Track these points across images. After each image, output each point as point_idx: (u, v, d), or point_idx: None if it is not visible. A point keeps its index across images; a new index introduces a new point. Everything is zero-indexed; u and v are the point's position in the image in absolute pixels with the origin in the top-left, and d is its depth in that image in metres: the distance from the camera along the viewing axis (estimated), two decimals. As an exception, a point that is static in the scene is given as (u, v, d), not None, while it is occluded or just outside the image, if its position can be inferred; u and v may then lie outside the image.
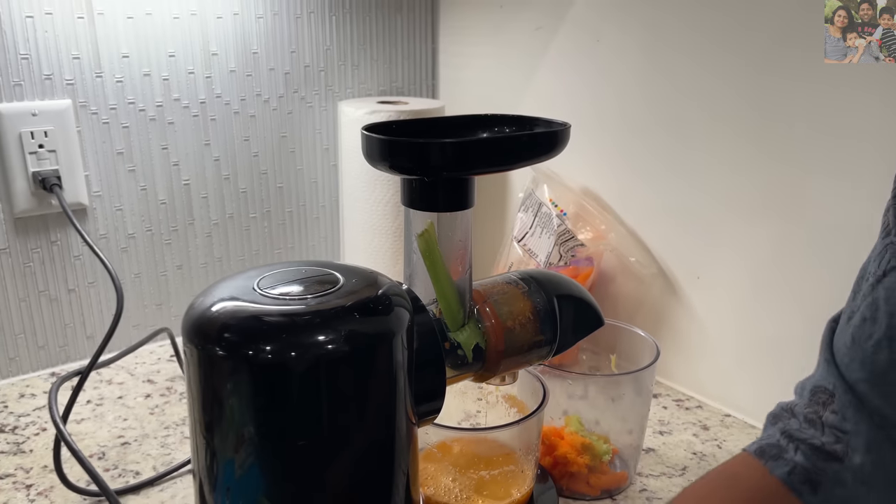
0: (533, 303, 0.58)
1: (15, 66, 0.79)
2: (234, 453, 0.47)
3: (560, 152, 0.53)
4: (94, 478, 0.59)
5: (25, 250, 0.84)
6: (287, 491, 0.47)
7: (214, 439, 0.48)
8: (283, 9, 0.95)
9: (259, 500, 0.48)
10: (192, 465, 0.51)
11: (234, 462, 0.47)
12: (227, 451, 0.48)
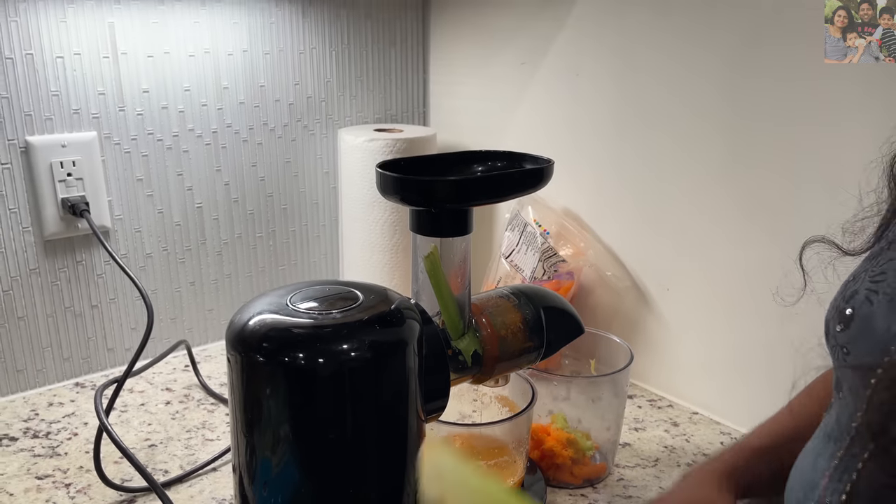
0: (523, 314, 0.66)
1: (46, 103, 0.86)
2: (271, 450, 0.55)
3: (546, 185, 0.61)
4: (141, 470, 0.67)
5: (54, 270, 0.91)
6: (316, 481, 0.55)
7: (254, 437, 0.55)
8: (288, 46, 1.03)
9: (293, 490, 0.55)
10: (233, 460, 0.58)
11: (272, 459, 0.55)
12: (265, 448, 0.55)
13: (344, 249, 1.12)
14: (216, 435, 0.84)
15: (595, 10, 0.91)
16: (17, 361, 0.91)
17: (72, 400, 0.91)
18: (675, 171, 0.86)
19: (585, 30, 0.93)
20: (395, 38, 1.14)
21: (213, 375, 0.97)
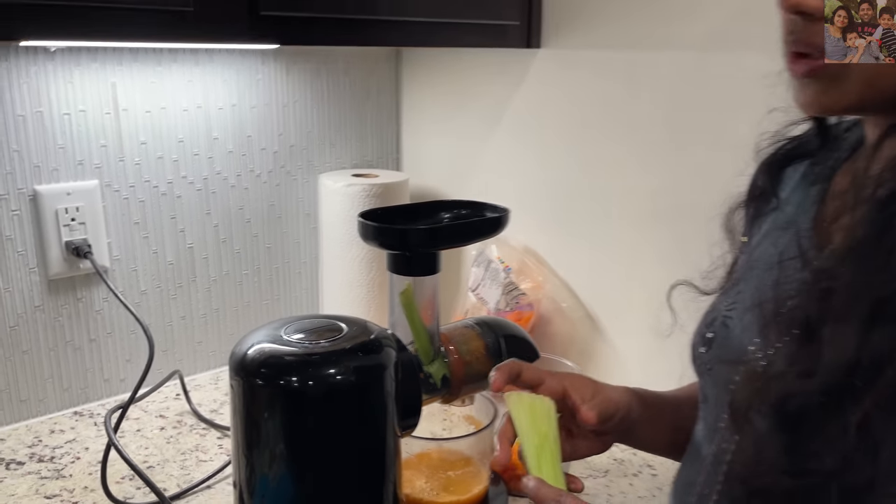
0: (485, 342, 0.76)
1: (53, 155, 0.95)
2: (268, 464, 0.64)
3: (503, 230, 0.72)
4: (149, 484, 0.75)
5: (56, 307, 0.99)
6: (307, 490, 0.64)
7: (253, 454, 0.64)
8: (273, 99, 1.13)
9: (287, 500, 0.64)
10: (234, 476, 0.67)
11: (269, 473, 0.64)
12: (263, 464, 0.64)
13: (324, 285, 1.21)
14: (209, 457, 0.92)
15: (547, 71, 1.03)
16: (21, 392, 0.98)
17: (72, 427, 0.98)
18: (621, 212, 0.97)
19: (539, 88, 1.05)
20: (370, 91, 1.24)
21: (203, 403, 1.04)
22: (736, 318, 0.55)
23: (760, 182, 0.62)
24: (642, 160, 0.93)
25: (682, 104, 0.88)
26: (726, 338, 0.55)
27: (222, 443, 0.95)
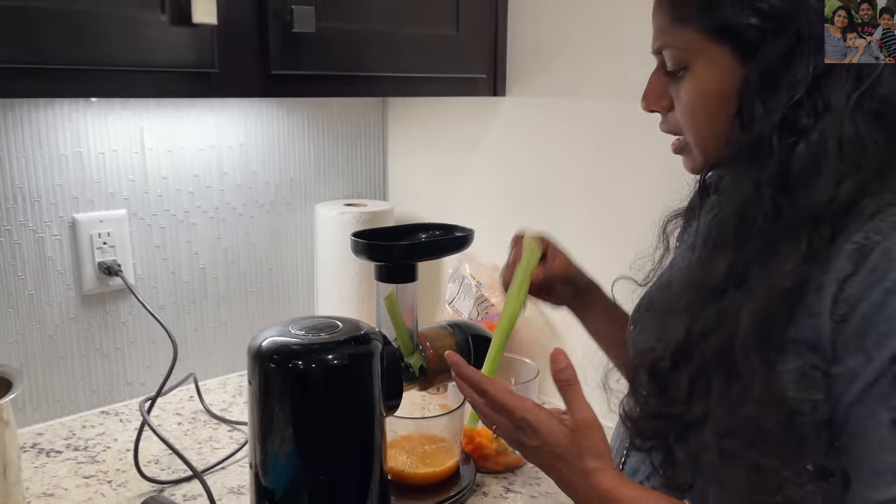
0: (456, 339, 0.92)
1: (90, 188, 1.11)
2: (278, 444, 0.79)
3: (468, 247, 0.89)
4: (182, 457, 0.90)
5: (88, 319, 1.14)
6: (310, 458, 0.79)
7: (266, 432, 0.79)
8: (275, 139, 1.31)
9: (294, 469, 0.79)
10: (250, 458, 0.82)
11: (280, 448, 0.79)
12: (274, 444, 0.79)
13: (319, 301, 1.37)
14: (221, 445, 1.07)
15: (510, 115, 1.21)
16: (56, 393, 1.13)
17: (101, 423, 1.13)
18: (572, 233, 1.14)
19: (504, 128, 1.22)
20: (359, 132, 1.42)
21: (213, 403, 1.19)
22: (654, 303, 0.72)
23: (693, 203, 0.79)
24: (589, 188, 1.11)
25: (620, 141, 1.06)
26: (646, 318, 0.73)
27: (232, 435, 1.10)
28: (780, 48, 0.57)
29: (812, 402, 0.57)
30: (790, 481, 0.59)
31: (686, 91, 0.63)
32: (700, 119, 0.64)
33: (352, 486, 0.82)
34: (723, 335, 0.59)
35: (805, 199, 0.56)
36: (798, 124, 0.57)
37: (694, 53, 0.62)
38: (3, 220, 1.05)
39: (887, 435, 0.52)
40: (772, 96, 0.58)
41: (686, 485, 0.65)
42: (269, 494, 0.81)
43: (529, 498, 0.95)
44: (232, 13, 0.87)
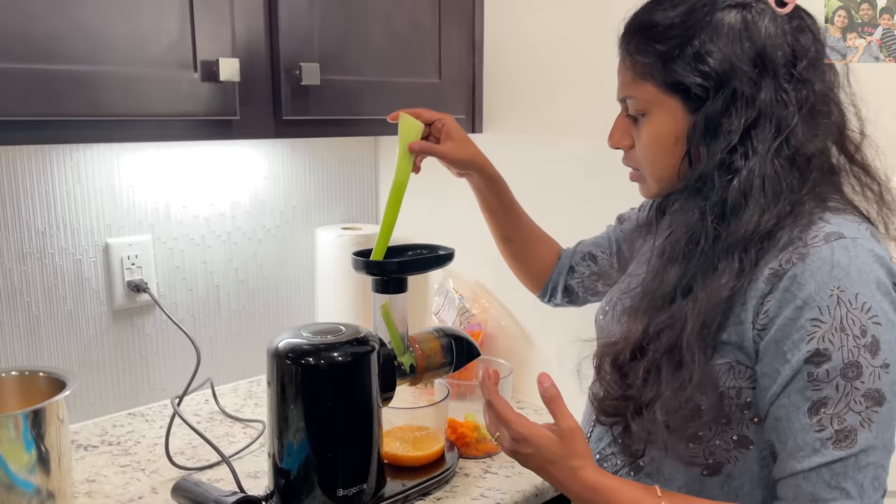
0: (441, 342, 1.09)
1: (121, 216, 1.28)
2: (293, 433, 0.94)
3: (450, 264, 1.06)
4: (210, 443, 1.05)
5: (118, 331, 1.30)
6: (318, 443, 0.95)
7: (282, 421, 0.95)
8: (280, 171, 1.48)
9: (306, 454, 0.95)
10: (268, 448, 0.97)
11: (293, 441, 0.95)
12: (289, 434, 0.95)
13: (319, 315, 1.53)
14: (237, 439, 1.22)
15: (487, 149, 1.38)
16: (90, 396, 1.28)
17: (129, 423, 1.28)
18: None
19: (483, 162, 1.40)
20: (354, 164, 1.59)
21: (227, 406, 1.35)
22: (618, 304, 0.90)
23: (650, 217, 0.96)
24: (558, 214, 1.28)
25: (586, 174, 1.24)
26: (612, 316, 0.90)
27: (246, 431, 1.26)
28: (720, 103, 0.74)
29: (737, 389, 0.74)
30: (719, 448, 0.76)
31: (644, 133, 0.80)
32: (655, 156, 0.81)
33: (354, 465, 0.98)
34: (673, 334, 0.75)
35: (736, 226, 0.73)
36: (733, 165, 0.74)
37: (651, 104, 0.79)
38: (48, 245, 1.21)
39: (805, 418, 0.69)
40: (713, 141, 0.75)
41: (639, 451, 0.82)
42: (284, 474, 0.97)
43: (504, 478, 1.11)
44: (251, 71, 1.04)
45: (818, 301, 0.68)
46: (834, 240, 0.69)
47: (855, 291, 0.67)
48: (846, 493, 0.67)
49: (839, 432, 0.67)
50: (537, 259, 1.14)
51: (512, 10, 1.31)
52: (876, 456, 0.67)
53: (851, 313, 0.67)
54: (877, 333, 0.67)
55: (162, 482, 1.08)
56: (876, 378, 0.67)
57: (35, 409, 0.93)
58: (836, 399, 0.67)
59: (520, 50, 1.31)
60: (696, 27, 0.74)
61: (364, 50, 1.16)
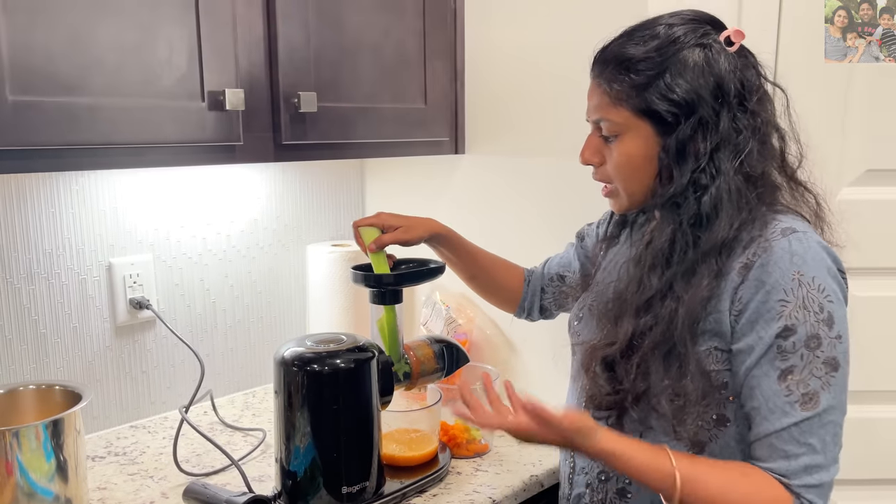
0: (433, 350, 1.17)
1: (124, 237, 1.34)
2: (299, 437, 1.01)
3: (441, 276, 1.14)
4: (219, 447, 1.11)
5: (120, 347, 1.36)
6: (323, 446, 1.02)
7: (289, 425, 1.02)
8: (273, 191, 1.55)
9: (312, 457, 1.02)
10: (276, 454, 1.04)
11: (300, 439, 1.02)
12: (295, 437, 1.02)
13: (310, 328, 1.60)
14: (238, 447, 1.28)
15: (469, 169, 1.48)
16: (94, 410, 1.34)
17: (132, 435, 1.33)
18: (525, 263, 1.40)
19: (465, 181, 1.49)
20: (342, 184, 1.67)
21: (225, 416, 1.41)
22: (594, 311, 0.99)
23: (612, 231, 1.06)
24: (534, 229, 1.38)
25: (561, 191, 1.33)
26: (588, 319, 0.99)
27: (246, 439, 1.32)
28: (689, 129, 0.85)
29: (717, 371, 0.85)
30: (701, 428, 0.86)
31: (617, 152, 0.90)
32: (627, 173, 0.90)
33: (357, 464, 1.05)
34: (660, 330, 0.86)
35: (710, 234, 0.85)
36: (701, 182, 0.85)
37: (624, 126, 0.88)
38: (55, 265, 1.27)
39: (776, 385, 0.80)
40: (684, 162, 0.86)
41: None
42: (291, 475, 1.04)
43: (494, 475, 1.19)
44: (253, 100, 1.12)
45: (783, 285, 0.80)
46: (790, 234, 0.82)
47: (812, 275, 0.80)
48: (812, 447, 0.78)
49: (804, 395, 0.78)
50: (504, 286, 1.25)
51: (490, 40, 1.41)
52: (835, 415, 0.79)
53: (811, 293, 0.80)
54: (831, 310, 0.80)
55: (171, 487, 1.14)
56: (832, 347, 0.79)
57: (55, 419, 0.99)
58: (801, 367, 0.79)
59: (498, 77, 1.41)
60: (667, 62, 0.85)
61: (356, 79, 1.25)
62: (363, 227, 1.12)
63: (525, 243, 1.40)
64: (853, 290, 1.22)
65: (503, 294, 1.25)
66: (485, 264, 1.23)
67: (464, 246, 1.20)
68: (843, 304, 0.82)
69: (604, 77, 0.90)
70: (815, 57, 1.09)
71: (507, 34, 1.38)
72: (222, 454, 1.13)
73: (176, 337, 1.35)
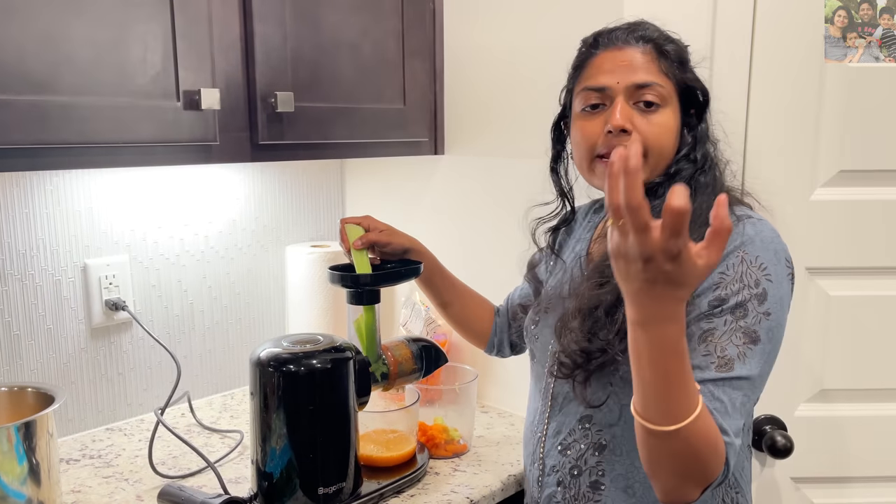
0: (411, 350, 1.16)
1: (99, 238, 1.33)
2: (275, 439, 1.01)
3: (418, 277, 1.14)
4: (195, 450, 1.10)
5: (96, 349, 1.34)
6: (299, 446, 1.02)
7: (265, 427, 1.02)
8: (252, 193, 1.54)
9: (288, 457, 1.01)
10: (252, 455, 1.04)
11: (276, 440, 1.01)
12: (271, 439, 1.01)
13: (289, 329, 1.59)
14: (216, 449, 1.27)
15: (448, 169, 1.48)
16: (69, 412, 1.32)
17: (108, 437, 1.32)
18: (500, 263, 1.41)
19: (444, 180, 1.49)
20: (322, 185, 1.67)
21: (203, 418, 1.40)
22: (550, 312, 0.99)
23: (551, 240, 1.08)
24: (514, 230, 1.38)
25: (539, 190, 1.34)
26: (545, 321, 1.00)
27: (224, 441, 1.31)
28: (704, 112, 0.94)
29: None
30: None
31: (660, 122, 0.91)
32: (664, 143, 0.92)
33: (333, 465, 1.05)
34: None
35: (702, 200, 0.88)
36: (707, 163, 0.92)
37: (668, 98, 0.91)
38: (29, 266, 1.25)
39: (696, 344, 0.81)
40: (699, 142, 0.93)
41: (600, 399, 0.91)
42: (267, 477, 1.03)
43: (472, 475, 1.19)
44: (230, 99, 1.12)
45: (727, 261, 0.84)
46: (745, 219, 0.87)
47: (756, 254, 0.84)
48: (722, 403, 0.79)
49: (720, 358, 0.80)
50: (477, 319, 1.26)
51: (469, 39, 1.41)
52: (745, 387, 0.80)
53: (750, 270, 0.83)
54: (767, 287, 0.82)
55: (146, 490, 1.13)
56: (757, 322, 0.81)
57: (26, 421, 0.98)
58: (721, 331, 0.81)
59: (478, 77, 1.41)
60: (687, 53, 0.95)
61: (334, 79, 1.25)
62: (350, 224, 1.12)
63: (504, 244, 1.40)
64: (826, 290, 1.24)
65: (475, 327, 1.26)
66: (459, 293, 1.24)
67: (441, 270, 1.22)
68: (783, 287, 0.84)
69: (649, 45, 0.91)
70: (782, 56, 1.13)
71: (487, 34, 1.39)
72: (199, 457, 1.13)
73: (153, 339, 1.34)
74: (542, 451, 0.99)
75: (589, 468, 0.94)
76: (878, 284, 1.22)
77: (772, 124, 1.18)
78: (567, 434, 0.96)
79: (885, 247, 1.21)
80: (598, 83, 0.92)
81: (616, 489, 0.92)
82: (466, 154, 1.46)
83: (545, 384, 1.00)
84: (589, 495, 0.94)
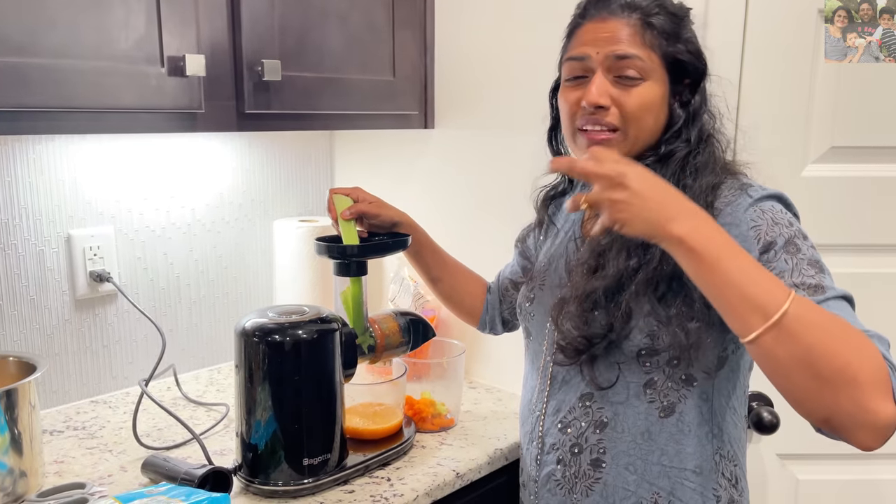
0: (398, 323, 1.16)
1: (83, 208, 1.31)
2: (260, 410, 1.00)
3: (406, 249, 1.13)
4: (180, 421, 1.09)
5: (80, 321, 1.33)
6: (284, 417, 1.01)
7: (250, 396, 1.01)
8: (239, 165, 1.52)
9: (273, 428, 1.00)
10: (236, 417, 1.03)
11: (261, 412, 1.00)
12: (258, 404, 1.00)
13: (277, 303, 1.58)
14: (201, 421, 1.26)
15: (438, 143, 1.46)
16: (53, 384, 1.31)
17: (92, 410, 1.31)
18: (490, 238, 1.40)
19: (434, 155, 1.48)
20: (311, 158, 1.65)
21: (189, 392, 1.39)
22: (547, 289, 0.99)
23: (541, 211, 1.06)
24: (504, 203, 1.37)
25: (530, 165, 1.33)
26: (541, 298, 1.00)
27: (209, 414, 1.30)
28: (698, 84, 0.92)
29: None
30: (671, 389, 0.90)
31: (640, 96, 0.89)
32: (645, 119, 0.90)
33: (319, 437, 1.04)
34: (649, 268, 0.86)
35: (702, 180, 0.88)
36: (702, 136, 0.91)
37: (651, 71, 0.89)
38: (11, 236, 1.23)
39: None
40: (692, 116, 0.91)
41: (611, 381, 0.91)
42: (252, 448, 1.02)
43: (459, 448, 1.19)
44: (216, 66, 1.09)
45: (749, 216, 0.84)
46: (747, 188, 0.88)
47: (770, 205, 0.86)
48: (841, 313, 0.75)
49: (809, 288, 0.77)
50: (468, 295, 1.25)
51: (461, 11, 1.39)
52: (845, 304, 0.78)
53: (776, 214, 0.84)
54: (799, 227, 0.84)
55: (130, 461, 1.12)
56: (812, 252, 0.82)
57: (7, 389, 0.97)
58: (789, 270, 0.80)
59: (469, 50, 1.39)
60: (683, 20, 0.91)
61: (322, 48, 1.23)
62: (338, 194, 1.10)
63: (495, 220, 1.39)
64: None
65: (466, 303, 1.25)
66: (449, 268, 1.23)
67: (431, 245, 1.21)
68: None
69: (635, 16, 0.89)
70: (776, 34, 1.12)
71: (479, 5, 1.37)
72: (184, 428, 1.12)
73: (138, 311, 1.33)
74: (542, 428, 0.99)
75: (590, 446, 0.93)
76: (869, 261, 1.22)
77: (765, 99, 1.17)
78: (567, 412, 0.95)
79: (876, 223, 1.20)
80: (578, 53, 0.91)
81: (617, 466, 0.92)
82: (457, 128, 1.44)
83: (543, 363, 1.00)
84: (590, 473, 0.93)
